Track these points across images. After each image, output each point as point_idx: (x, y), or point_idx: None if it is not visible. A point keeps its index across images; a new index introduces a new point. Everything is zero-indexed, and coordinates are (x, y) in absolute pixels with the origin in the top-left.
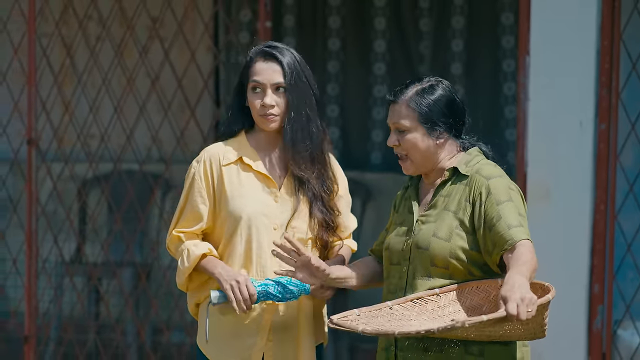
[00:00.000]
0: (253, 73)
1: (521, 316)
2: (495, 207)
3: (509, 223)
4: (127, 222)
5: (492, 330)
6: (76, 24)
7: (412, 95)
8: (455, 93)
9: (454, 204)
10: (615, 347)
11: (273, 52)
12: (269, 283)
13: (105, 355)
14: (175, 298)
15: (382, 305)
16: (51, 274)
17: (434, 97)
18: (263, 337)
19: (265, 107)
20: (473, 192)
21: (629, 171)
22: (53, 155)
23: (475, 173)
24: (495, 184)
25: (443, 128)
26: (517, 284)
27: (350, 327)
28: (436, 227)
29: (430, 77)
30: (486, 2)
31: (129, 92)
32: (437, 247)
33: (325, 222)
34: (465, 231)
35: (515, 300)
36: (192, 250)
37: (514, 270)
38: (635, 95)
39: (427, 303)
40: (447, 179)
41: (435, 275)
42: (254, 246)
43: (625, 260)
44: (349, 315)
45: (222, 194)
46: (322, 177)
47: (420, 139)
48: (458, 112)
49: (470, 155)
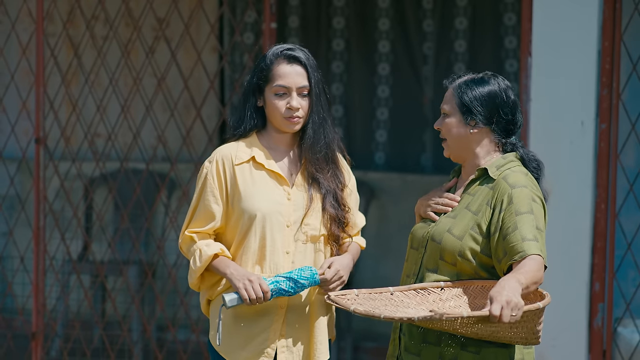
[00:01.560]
0: (277, 76)
1: (504, 319)
2: (514, 217)
3: (523, 235)
4: (133, 220)
5: (479, 329)
6: (83, 25)
7: (460, 83)
8: (505, 91)
9: (476, 204)
10: (616, 345)
11: (297, 56)
12: (280, 280)
13: (111, 352)
14: (181, 295)
15: (384, 290)
16: (58, 272)
17: (479, 88)
18: (276, 332)
19: (292, 109)
20: (496, 197)
21: (629, 170)
22: (60, 153)
23: (502, 179)
24: (518, 194)
25: (479, 119)
26: (507, 287)
27: (344, 305)
28: (453, 224)
29: (488, 72)
30: (489, 4)
31: (135, 92)
32: (449, 243)
33: (337, 217)
34: (480, 234)
35: (501, 302)
36: (205, 250)
37: (510, 275)
38: (635, 95)
39: (430, 294)
40: (476, 178)
41: (443, 269)
42: (268, 243)
43: (625, 258)
44: (348, 294)
45: (236, 193)
46: (335, 175)
47: (455, 124)
48: (501, 108)
49: (505, 159)
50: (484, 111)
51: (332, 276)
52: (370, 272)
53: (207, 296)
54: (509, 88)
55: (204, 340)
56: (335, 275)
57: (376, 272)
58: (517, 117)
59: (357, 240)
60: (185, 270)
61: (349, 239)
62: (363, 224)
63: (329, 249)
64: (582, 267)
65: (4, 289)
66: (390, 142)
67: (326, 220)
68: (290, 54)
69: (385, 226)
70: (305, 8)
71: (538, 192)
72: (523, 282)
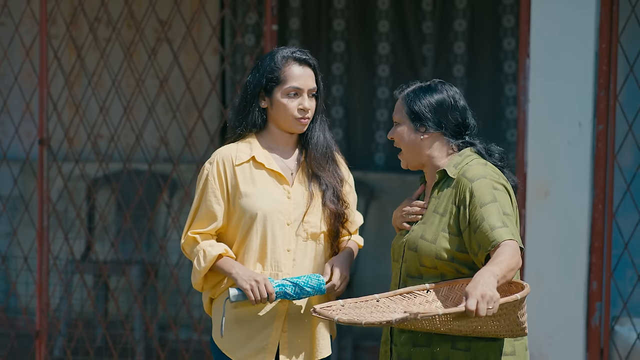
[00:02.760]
0: (290, 78)
1: (480, 312)
2: (479, 209)
3: (492, 224)
4: (136, 220)
5: (461, 325)
6: (86, 27)
7: (409, 92)
8: (452, 97)
9: (442, 206)
10: (613, 343)
11: (307, 58)
12: (286, 284)
13: (114, 351)
14: (183, 295)
15: (370, 298)
16: (62, 271)
17: (427, 95)
18: (278, 328)
19: (305, 111)
20: (459, 194)
21: (626, 171)
22: (64, 154)
23: (461, 175)
24: (478, 186)
25: (429, 125)
26: (481, 282)
27: (328, 316)
28: (424, 230)
29: (435, 79)
30: (488, 6)
31: (138, 94)
32: (424, 248)
33: (337, 212)
34: (451, 233)
35: (476, 297)
36: (209, 251)
37: (484, 268)
38: (632, 96)
39: (416, 297)
40: (438, 181)
41: (426, 274)
42: (269, 241)
43: (622, 258)
44: (333, 306)
45: (237, 193)
46: (335, 172)
47: (406, 133)
48: (450, 113)
49: (461, 156)
50: (433, 117)
51: (338, 279)
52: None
53: (210, 295)
54: (457, 94)
55: (206, 339)
56: (340, 277)
57: (376, 271)
58: (468, 120)
59: (355, 238)
60: (187, 270)
61: (348, 236)
62: (361, 222)
63: (329, 246)
64: (579, 266)
65: (7, 288)
66: (390, 143)
67: (327, 216)
68: (300, 57)
69: (385, 226)
70: (306, 10)
71: (499, 179)
72: (498, 274)
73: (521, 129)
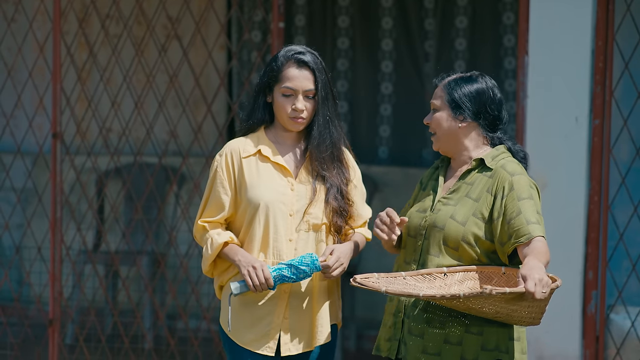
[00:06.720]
0: (286, 78)
1: (537, 295)
2: (517, 202)
3: (527, 218)
4: (146, 212)
5: (500, 307)
6: (98, 24)
7: (450, 80)
8: (492, 89)
9: (476, 192)
10: (608, 330)
11: (306, 60)
12: (282, 267)
13: (125, 338)
14: (192, 284)
15: (397, 275)
16: (74, 261)
17: (468, 85)
18: (280, 315)
19: (297, 111)
20: (496, 184)
21: (621, 164)
22: (76, 148)
23: (500, 167)
24: (518, 180)
25: (467, 114)
26: (536, 267)
27: (373, 287)
28: (455, 211)
29: (475, 71)
30: (488, 3)
31: (148, 89)
32: (452, 228)
33: (339, 209)
34: (482, 219)
35: (534, 280)
36: (215, 239)
37: (532, 257)
38: (627, 92)
39: (436, 279)
40: (473, 168)
41: (446, 254)
42: (271, 231)
43: (617, 248)
44: (370, 277)
45: (242, 183)
46: (341, 172)
47: (445, 119)
48: (488, 105)
49: (498, 151)
50: (472, 107)
51: (334, 262)
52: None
53: (219, 282)
54: (496, 87)
55: (214, 328)
56: (336, 261)
57: (379, 262)
58: (503, 113)
59: (362, 231)
60: (196, 260)
61: (352, 230)
62: (369, 215)
63: (331, 238)
64: (576, 257)
65: (21, 278)
66: (393, 137)
67: (328, 211)
68: (300, 58)
69: None
70: (312, 7)
71: (532, 180)
72: (544, 263)
73: (520, 123)
